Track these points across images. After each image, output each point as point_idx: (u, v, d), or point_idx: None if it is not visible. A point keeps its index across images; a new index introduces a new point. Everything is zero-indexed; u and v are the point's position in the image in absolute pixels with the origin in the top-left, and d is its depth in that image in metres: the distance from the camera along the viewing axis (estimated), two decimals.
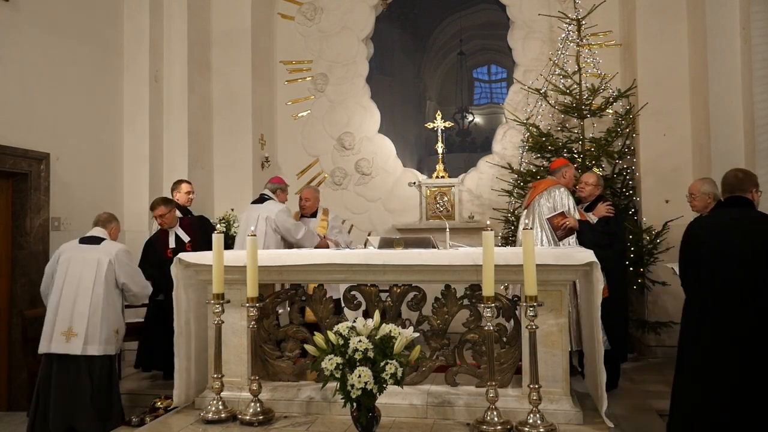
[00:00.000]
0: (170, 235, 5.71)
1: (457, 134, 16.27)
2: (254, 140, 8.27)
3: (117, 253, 4.62)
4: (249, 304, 3.49)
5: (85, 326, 4.41)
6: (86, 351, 4.41)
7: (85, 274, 4.51)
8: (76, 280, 4.50)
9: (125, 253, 4.72)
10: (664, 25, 7.09)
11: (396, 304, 3.76)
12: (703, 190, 5.06)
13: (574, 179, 5.49)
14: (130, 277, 4.69)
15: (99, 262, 4.54)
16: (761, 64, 5.85)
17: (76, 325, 4.43)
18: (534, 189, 5.40)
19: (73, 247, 4.67)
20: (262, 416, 3.43)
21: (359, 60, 8.96)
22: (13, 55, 5.78)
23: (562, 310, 3.46)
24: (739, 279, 3.40)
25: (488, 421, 3.15)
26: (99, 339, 4.45)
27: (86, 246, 4.65)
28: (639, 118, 7.10)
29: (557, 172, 5.43)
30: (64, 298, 4.49)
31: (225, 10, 8.25)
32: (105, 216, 4.90)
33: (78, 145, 6.53)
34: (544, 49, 8.24)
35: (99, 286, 4.50)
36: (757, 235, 3.46)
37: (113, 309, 4.58)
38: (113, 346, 4.56)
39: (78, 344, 4.39)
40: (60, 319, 4.45)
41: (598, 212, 5.21)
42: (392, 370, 2.96)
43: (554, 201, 5.18)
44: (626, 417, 4.60)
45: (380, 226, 8.65)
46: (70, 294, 4.49)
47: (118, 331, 4.61)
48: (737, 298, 3.38)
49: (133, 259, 4.95)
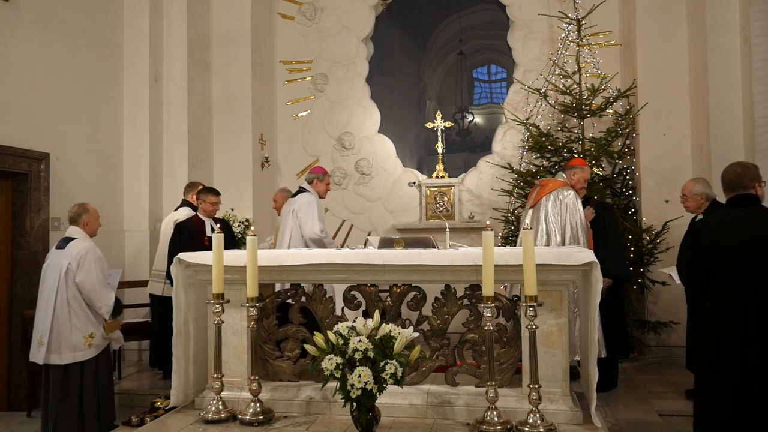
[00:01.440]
0: (206, 224, 5.71)
1: (457, 134, 16.26)
2: (254, 140, 8.28)
3: (77, 253, 4.47)
4: (249, 304, 3.49)
5: (48, 336, 4.39)
6: (49, 360, 4.40)
7: (51, 282, 4.47)
8: (47, 289, 4.48)
9: (89, 251, 4.52)
10: (664, 25, 7.10)
11: (396, 304, 3.76)
12: (695, 190, 5.06)
13: (584, 183, 5.31)
14: (86, 276, 4.47)
15: (61, 267, 4.46)
16: (761, 64, 5.85)
17: (44, 334, 4.42)
18: (541, 188, 5.25)
19: (51, 253, 4.64)
20: (262, 416, 3.43)
21: (359, 60, 8.96)
22: (13, 56, 5.79)
23: (562, 310, 3.46)
24: (755, 279, 3.28)
25: (488, 421, 3.15)
26: (64, 347, 4.40)
27: (58, 251, 4.57)
28: (639, 118, 7.10)
29: (568, 170, 5.29)
30: (40, 308, 4.52)
31: (225, 10, 8.25)
32: (73, 210, 4.70)
33: (78, 145, 6.53)
34: (543, 49, 8.24)
35: (62, 293, 4.42)
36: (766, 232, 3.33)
37: (80, 315, 4.47)
38: (85, 352, 4.48)
39: (42, 353, 4.40)
40: (36, 329, 4.49)
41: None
42: (392, 370, 2.96)
43: (561, 206, 5.03)
44: (626, 417, 4.60)
45: (380, 226, 8.66)
46: (42, 303, 4.50)
47: (92, 335, 4.51)
48: (754, 299, 3.26)
49: (100, 261, 4.63)
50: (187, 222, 5.73)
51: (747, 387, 3.22)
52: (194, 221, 5.71)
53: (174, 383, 3.86)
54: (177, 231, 5.67)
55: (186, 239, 5.46)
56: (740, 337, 3.26)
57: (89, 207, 4.76)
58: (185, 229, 5.65)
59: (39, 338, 4.44)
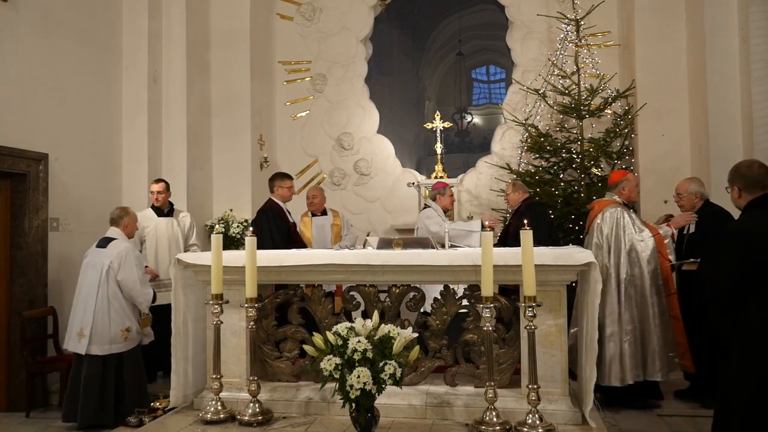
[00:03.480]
0: (284, 209, 5.93)
1: (456, 134, 16.25)
2: (253, 141, 8.27)
3: (119, 253, 4.88)
4: (248, 304, 3.49)
5: (89, 328, 4.79)
6: (90, 351, 4.80)
7: (92, 278, 4.88)
8: (87, 285, 4.90)
9: (129, 251, 4.94)
10: (663, 26, 7.10)
11: (395, 304, 3.76)
12: (691, 189, 5.05)
13: (636, 189, 5.10)
14: (127, 275, 4.87)
15: (103, 265, 4.86)
16: (760, 65, 5.85)
17: (85, 326, 4.82)
18: (592, 210, 5.07)
19: (91, 252, 5.04)
20: (260, 417, 3.43)
21: (358, 60, 8.95)
22: (11, 56, 5.78)
23: (561, 311, 3.46)
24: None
25: (487, 421, 3.15)
26: (104, 339, 4.80)
27: (99, 249, 4.99)
28: (638, 118, 7.11)
29: (615, 187, 5.00)
30: (79, 302, 4.93)
31: (224, 11, 8.24)
32: (115, 213, 5.17)
33: (77, 145, 6.52)
34: (542, 49, 8.24)
35: (102, 289, 4.83)
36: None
37: (119, 310, 4.86)
38: (122, 345, 4.86)
39: (84, 344, 4.79)
40: (75, 321, 4.89)
41: (676, 223, 4.85)
42: (391, 371, 2.96)
43: (612, 225, 4.77)
44: (626, 416, 4.60)
45: (379, 226, 8.65)
46: (82, 298, 4.91)
47: (128, 329, 4.89)
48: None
49: (139, 261, 5.06)
50: (268, 207, 5.90)
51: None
52: (277, 208, 5.88)
53: (173, 384, 3.86)
54: (264, 215, 5.82)
55: (277, 221, 5.73)
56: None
57: (130, 211, 5.27)
58: (271, 212, 5.83)
59: (79, 330, 4.83)
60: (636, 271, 4.70)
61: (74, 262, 6.41)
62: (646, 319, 4.66)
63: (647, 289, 4.68)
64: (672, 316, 4.68)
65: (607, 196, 5.08)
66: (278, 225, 5.73)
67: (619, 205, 4.88)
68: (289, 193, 6.08)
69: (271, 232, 5.63)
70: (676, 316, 4.67)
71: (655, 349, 4.61)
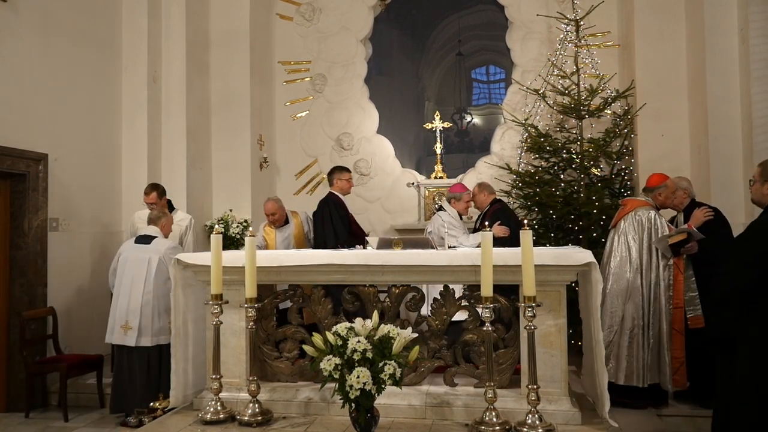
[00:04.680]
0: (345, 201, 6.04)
1: (456, 135, 16.23)
2: (253, 141, 8.27)
3: (165, 250, 5.11)
4: (247, 304, 3.48)
5: (137, 321, 5.02)
6: (139, 342, 5.03)
7: (137, 273, 5.09)
8: (130, 279, 5.10)
9: (173, 249, 5.12)
10: (663, 26, 7.10)
11: (395, 304, 3.76)
12: (682, 185, 5.10)
13: (671, 195, 5.03)
14: None
15: (149, 260, 5.10)
16: (759, 65, 5.86)
17: (131, 319, 5.03)
18: (623, 207, 5.07)
19: (129, 248, 5.26)
20: (260, 417, 3.43)
21: (358, 60, 8.96)
22: (11, 56, 5.78)
23: (561, 311, 3.46)
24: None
25: (487, 421, 3.15)
26: (151, 331, 5.04)
27: (139, 246, 5.19)
28: (637, 118, 7.11)
29: (652, 191, 4.97)
30: (122, 296, 5.12)
31: (223, 11, 8.24)
32: (155, 214, 5.43)
33: (76, 145, 6.53)
34: (542, 49, 8.24)
35: (149, 284, 5.06)
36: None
37: (165, 303, 4.95)
38: (167, 337, 4.87)
39: (132, 337, 5.01)
40: (119, 315, 5.08)
41: (696, 220, 4.81)
42: (391, 371, 2.96)
43: (641, 227, 4.80)
44: (626, 416, 4.60)
45: (379, 226, 8.64)
46: (126, 292, 5.10)
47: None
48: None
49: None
50: (330, 199, 5.94)
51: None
52: (335, 199, 5.93)
53: (173, 384, 3.86)
54: (326, 207, 5.85)
55: (339, 212, 5.79)
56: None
57: (167, 212, 5.62)
58: (333, 204, 5.86)
59: (124, 323, 5.04)
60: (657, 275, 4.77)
61: (74, 262, 6.43)
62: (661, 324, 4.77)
63: (662, 296, 4.76)
64: (675, 329, 4.72)
65: (641, 197, 5.12)
66: (341, 216, 5.80)
67: (651, 207, 4.91)
68: (348, 186, 6.18)
69: (333, 223, 5.70)
70: (678, 330, 4.72)
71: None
